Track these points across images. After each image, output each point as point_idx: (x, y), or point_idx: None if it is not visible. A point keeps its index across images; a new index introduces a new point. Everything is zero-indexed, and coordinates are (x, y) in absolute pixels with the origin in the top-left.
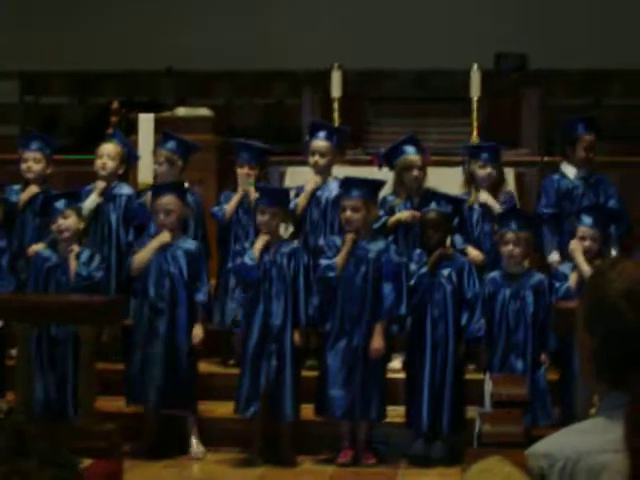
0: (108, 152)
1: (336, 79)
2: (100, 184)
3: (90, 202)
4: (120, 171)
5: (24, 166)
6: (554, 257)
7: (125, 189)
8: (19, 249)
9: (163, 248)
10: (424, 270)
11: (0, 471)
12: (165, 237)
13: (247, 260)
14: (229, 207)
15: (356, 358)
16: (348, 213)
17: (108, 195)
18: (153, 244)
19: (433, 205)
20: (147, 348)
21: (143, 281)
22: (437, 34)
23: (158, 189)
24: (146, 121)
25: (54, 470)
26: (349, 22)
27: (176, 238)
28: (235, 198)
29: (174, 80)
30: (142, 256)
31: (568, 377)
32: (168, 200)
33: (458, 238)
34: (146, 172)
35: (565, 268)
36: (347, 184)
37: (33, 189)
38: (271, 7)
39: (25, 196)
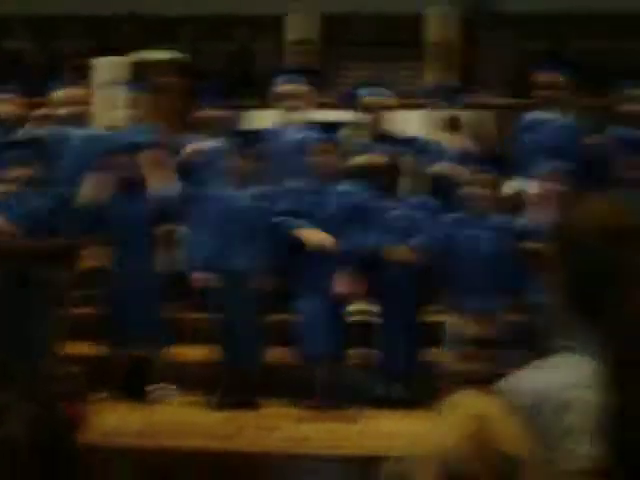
0: (73, 98)
1: (300, 23)
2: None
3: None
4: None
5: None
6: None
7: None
8: None
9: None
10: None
11: None
12: None
13: None
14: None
15: (328, 299)
16: (318, 157)
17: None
18: None
19: (386, 147)
20: (124, 296)
21: (114, 229)
22: None
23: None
24: (102, 65)
25: (35, 408)
26: None
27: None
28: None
29: (138, 24)
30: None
31: (530, 315)
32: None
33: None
34: (101, 117)
35: None
36: (315, 129)
37: None
38: None
39: None
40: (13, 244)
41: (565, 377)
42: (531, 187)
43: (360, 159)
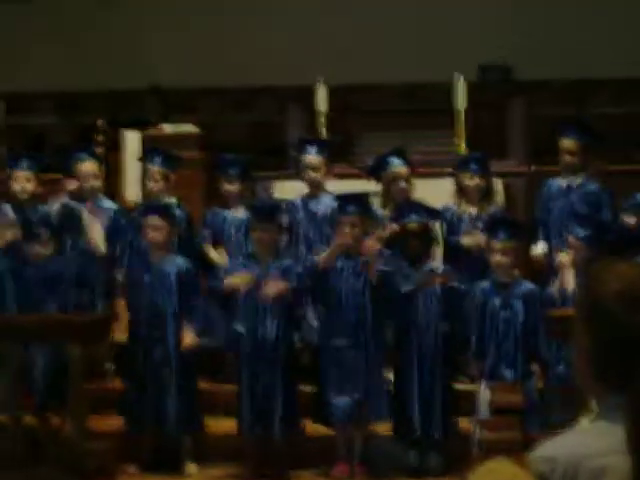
0: (93, 172)
1: (321, 94)
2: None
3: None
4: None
5: (17, 187)
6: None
7: (109, 203)
8: None
9: (152, 269)
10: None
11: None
12: None
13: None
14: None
15: (357, 364)
16: (346, 230)
17: (94, 209)
18: None
19: (413, 216)
20: (145, 374)
21: (134, 303)
22: (421, 47)
23: (146, 209)
24: (132, 139)
25: (68, 477)
26: (333, 37)
27: (165, 257)
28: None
29: (159, 97)
30: None
31: (559, 383)
32: (157, 219)
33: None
34: (132, 189)
35: None
36: (342, 201)
37: None
38: (255, 23)
39: None
40: (48, 318)
41: (598, 444)
42: (559, 254)
43: (391, 228)
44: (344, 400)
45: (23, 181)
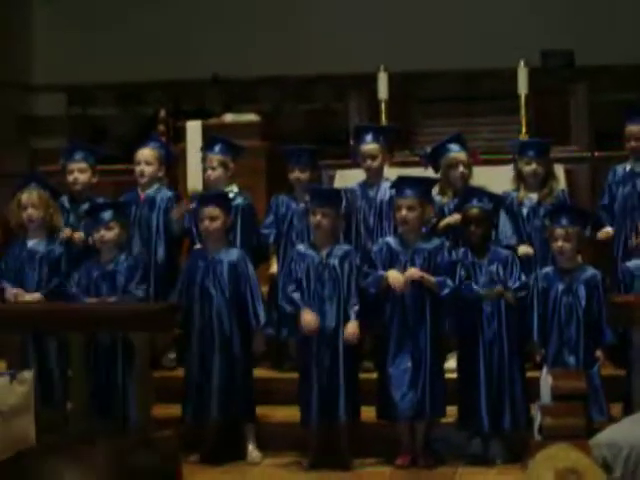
0: (145, 158)
1: (382, 81)
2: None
3: None
4: (160, 174)
5: (70, 178)
6: None
7: (166, 193)
8: None
9: (206, 260)
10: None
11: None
12: None
13: None
14: None
15: (420, 358)
16: (403, 212)
17: (149, 199)
18: None
19: (475, 202)
20: (203, 363)
21: (190, 294)
22: (483, 33)
23: (202, 199)
24: (194, 128)
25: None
26: (394, 24)
27: (220, 248)
28: None
29: (220, 87)
30: None
31: (624, 369)
32: (213, 209)
33: (507, 229)
34: (195, 179)
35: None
36: (401, 183)
37: None
38: (316, 11)
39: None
40: (112, 307)
41: None
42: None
43: (454, 217)
44: (408, 396)
45: (77, 172)
